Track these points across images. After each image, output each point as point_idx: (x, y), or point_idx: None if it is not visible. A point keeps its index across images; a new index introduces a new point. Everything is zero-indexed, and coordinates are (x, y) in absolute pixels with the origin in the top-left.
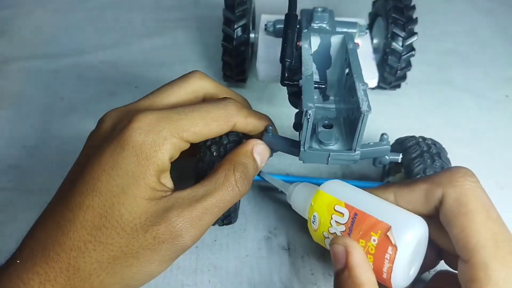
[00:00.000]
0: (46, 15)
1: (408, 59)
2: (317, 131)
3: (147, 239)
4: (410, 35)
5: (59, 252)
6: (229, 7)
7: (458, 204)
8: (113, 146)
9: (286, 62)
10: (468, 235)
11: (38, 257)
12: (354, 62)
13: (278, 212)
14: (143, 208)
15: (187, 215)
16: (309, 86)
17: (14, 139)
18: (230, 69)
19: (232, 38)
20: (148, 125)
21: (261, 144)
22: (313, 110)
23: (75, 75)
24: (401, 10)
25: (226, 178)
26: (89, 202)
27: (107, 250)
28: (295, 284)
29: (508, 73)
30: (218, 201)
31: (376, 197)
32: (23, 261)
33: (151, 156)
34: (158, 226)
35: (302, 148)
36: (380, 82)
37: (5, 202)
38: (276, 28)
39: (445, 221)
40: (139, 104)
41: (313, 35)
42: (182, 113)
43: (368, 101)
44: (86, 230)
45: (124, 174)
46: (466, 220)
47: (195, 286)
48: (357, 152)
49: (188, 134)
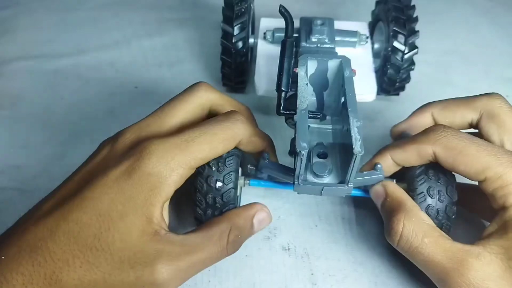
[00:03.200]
0: (47, 15)
1: (407, 72)
2: (312, 162)
3: (130, 275)
4: (411, 49)
5: (47, 258)
6: (228, 20)
7: (450, 151)
8: (121, 171)
9: (282, 92)
10: (473, 164)
11: (25, 259)
12: (349, 94)
13: (278, 212)
14: (135, 241)
15: (173, 267)
16: (303, 123)
17: (14, 139)
18: (229, 80)
19: (231, 52)
20: (156, 156)
21: (265, 212)
22: (306, 150)
23: (75, 75)
24: (404, 23)
25: (220, 239)
26: (87, 220)
27: (91, 272)
28: (295, 284)
29: (508, 73)
30: (206, 258)
31: None
32: (8, 258)
33: (156, 187)
34: (144, 268)
35: (296, 182)
36: (379, 92)
37: (5, 202)
38: (275, 36)
39: (448, 165)
40: (151, 124)
41: (310, 59)
42: (190, 139)
43: (361, 141)
44: (77, 246)
45: (126, 202)
46: (458, 160)
47: (195, 286)
48: (350, 185)
49: (195, 162)
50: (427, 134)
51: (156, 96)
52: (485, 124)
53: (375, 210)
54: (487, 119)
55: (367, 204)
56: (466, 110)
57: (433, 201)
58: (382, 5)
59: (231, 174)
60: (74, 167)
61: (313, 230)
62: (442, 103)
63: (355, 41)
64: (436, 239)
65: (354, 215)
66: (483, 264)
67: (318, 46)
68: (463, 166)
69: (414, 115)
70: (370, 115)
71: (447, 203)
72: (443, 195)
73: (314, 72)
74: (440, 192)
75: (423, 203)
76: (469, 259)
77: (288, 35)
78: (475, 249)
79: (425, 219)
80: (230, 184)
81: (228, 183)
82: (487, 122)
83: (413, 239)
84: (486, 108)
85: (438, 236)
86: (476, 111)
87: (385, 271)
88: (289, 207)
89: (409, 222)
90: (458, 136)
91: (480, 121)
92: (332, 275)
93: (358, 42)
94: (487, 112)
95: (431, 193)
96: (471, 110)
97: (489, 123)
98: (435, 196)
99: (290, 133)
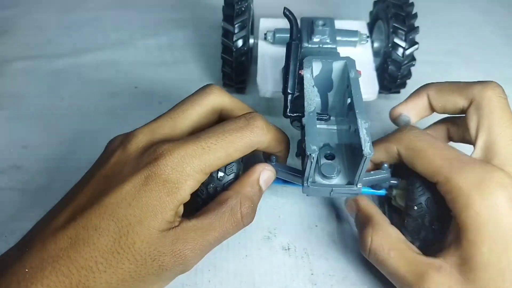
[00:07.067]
0: (46, 15)
1: (408, 68)
2: (320, 163)
3: (153, 266)
4: (412, 45)
5: (71, 268)
6: (228, 18)
7: (410, 151)
8: (138, 178)
9: (289, 95)
10: (427, 166)
11: (48, 269)
12: (356, 95)
13: (278, 212)
14: (155, 239)
15: (190, 247)
16: (312, 125)
17: (14, 139)
18: (230, 79)
19: (231, 50)
20: (172, 162)
21: (268, 170)
22: (316, 153)
23: (75, 75)
24: (403, 19)
25: (232, 214)
26: (105, 225)
27: (117, 273)
28: (295, 284)
29: (508, 73)
30: (221, 235)
31: None
32: (32, 270)
33: (172, 193)
34: (164, 256)
35: (305, 184)
36: (380, 90)
37: (5, 202)
38: (276, 37)
39: (409, 164)
40: (164, 126)
41: (314, 61)
42: (206, 146)
43: (370, 142)
44: (99, 252)
45: (144, 207)
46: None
47: (195, 286)
48: (359, 186)
49: (210, 169)
50: (395, 133)
51: (156, 96)
52: (469, 116)
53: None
54: (473, 110)
55: None
56: (458, 97)
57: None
58: (381, 4)
59: (233, 165)
60: (74, 167)
61: (313, 230)
62: (438, 86)
63: (355, 41)
64: (402, 252)
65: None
66: (443, 276)
67: (320, 46)
68: (420, 167)
69: (411, 97)
70: (371, 114)
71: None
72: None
73: (318, 73)
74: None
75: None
76: (430, 272)
77: (293, 37)
78: (437, 261)
79: (392, 232)
80: (232, 174)
81: (230, 173)
82: (472, 114)
83: (379, 252)
84: (476, 97)
85: (403, 249)
86: (467, 99)
87: None
88: (289, 207)
89: (376, 236)
90: (419, 138)
91: (467, 110)
92: (332, 275)
93: (358, 41)
94: (476, 102)
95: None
96: (463, 97)
97: (472, 115)
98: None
99: (293, 133)
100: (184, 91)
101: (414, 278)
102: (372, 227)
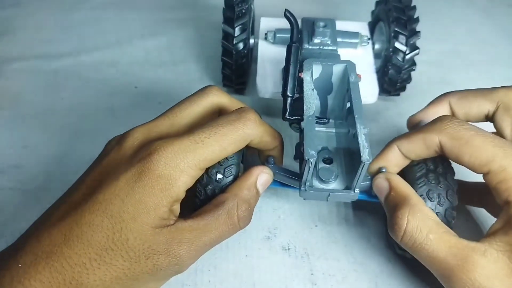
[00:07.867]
0: (46, 15)
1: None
2: (318, 167)
3: (147, 265)
4: (412, 49)
5: (64, 264)
6: (229, 21)
7: (456, 141)
8: (131, 174)
9: (288, 98)
10: (478, 155)
11: (42, 265)
12: (355, 100)
13: (278, 212)
14: (148, 236)
15: (186, 248)
16: (311, 130)
17: (14, 139)
18: (230, 81)
19: (232, 53)
20: (165, 158)
21: (265, 173)
22: (315, 158)
23: (75, 75)
24: (405, 24)
25: (229, 216)
26: (99, 222)
27: (111, 270)
28: (295, 284)
29: (508, 73)
30: (217, 237)
31: None
32: (25, 265)
33: (166, 189)
34: (158, 255)
35: (303, 188)
36: (380, 92)
37: (5, 202)
38: (277, 37)
39: (453, 156)
40: (161, 125)
41: (314, 63)
42: (199, 140)
43: (369, 148)
44: (92, 248)
45: (137, 203)
46: (463, 151)
47: (195, 286)
48: (356, 191)
49: (204, 164)
50: (434, 123)
51: (156, 96)
52: (499, 117)
53: (374, 210)
54: (502, 111)
55: (367, 204)
56: (483, 101)
57: (432, 205)
58: (383, 5)
59: (232, 167)
60: (73, 167)
61: (313, 230)
62: (460, 93)
63: (356, 42)
64: (441, 236)
65: (354, 215)
66: (489, 261)
67: (321, 48)
68: (468, 156)
69: (431, 105)
70: (370, 116)
71: (446, 207)
72: (443, 199)
73: (318, 76)
74: (440, 195)
75: None
76: (474, 256)
77: (294, 40)
78: (481, 246)
79: (430, 215)
80: (230, 177)
81: (228, 175)
82: (502, 114)
83: (417, 235)
84: (503, 100)
85: (443, 233)
86: (493, 103)
87: (385, 270)
88: (289, 207)
89: (413, 218)
90: (464, 127)
91: (495, 113)
92: (332, 275)
93: (359, 43)
94: (504, 104)
95: (431, 196)
96: (488, 101)
97: (503, 116)
98: (435, 199)
99: (291, 134)
100: (184, 91)
101: (456, 262)
102: (409, 208)
